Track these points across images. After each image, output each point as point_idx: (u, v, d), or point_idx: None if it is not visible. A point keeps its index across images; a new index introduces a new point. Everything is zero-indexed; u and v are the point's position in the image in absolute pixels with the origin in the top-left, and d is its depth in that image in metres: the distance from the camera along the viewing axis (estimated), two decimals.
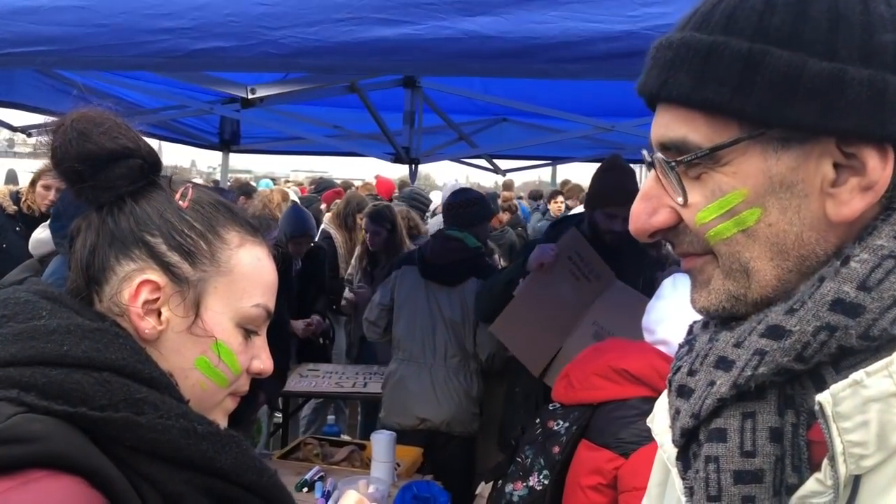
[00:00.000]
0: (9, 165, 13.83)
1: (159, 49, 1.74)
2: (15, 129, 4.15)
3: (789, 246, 0.67)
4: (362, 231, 4.96)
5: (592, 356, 2.05)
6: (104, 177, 0.89)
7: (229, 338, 0.92)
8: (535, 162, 6.23)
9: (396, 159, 4.57)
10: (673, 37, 0.70)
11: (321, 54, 1.70)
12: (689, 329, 0.82)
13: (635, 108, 3.86)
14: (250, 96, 2.45)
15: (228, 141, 5.21)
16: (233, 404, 0.97)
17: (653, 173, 0.73)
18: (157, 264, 0.90)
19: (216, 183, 7.31)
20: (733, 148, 0.67)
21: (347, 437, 4.12)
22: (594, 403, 1.95)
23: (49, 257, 3.07)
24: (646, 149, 0.76)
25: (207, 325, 0.91)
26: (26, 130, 4.15)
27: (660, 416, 0.85)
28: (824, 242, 0.67)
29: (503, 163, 5.86)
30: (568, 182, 11.34)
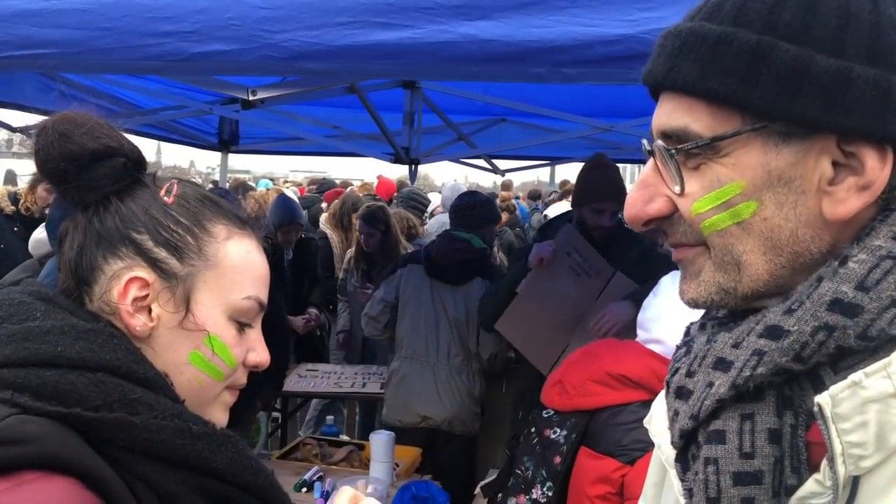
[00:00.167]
0: (7, 166, 13.78)
1: (160, 52, 1.74)
2: (14, 130, 4.15)
3: (783, 242, 0.67)
4: (357, 231, 4.95)
5: (586, 361, 1.99)
6: (88, 177, 0.89)
7: (222, 331, 0.92)
8: (534, 162, 6.24)
9: (396, 159, 4.57)
10: (682, 26, 0.70)
11: (322, 58, 1.70)
12: (687, 331, 0.82)
13: (634, 109, 3.88)
14: (251, 98, 2.45)
15: (227, 141, 5.21)
16: (231, 398, 0.97)
17: (651, 162, 0.73)
18: (145, 261, 0.89)
19: (215, 183, 7.31)
20: (734, 139, 0.67)
21: (346, 438, 4.12)
22: (591, 410, 1.91)
23: (48, 258, 3.07)
24: (646, 138, 0.76)
25: (199, 320, 0.90)
26: (25, 131, 4.15)
27: (657, 418, 0.85)
28: (819, 240, 0.67)
29: (502, 163, 5.86)
30: (567, 182, 11.34)
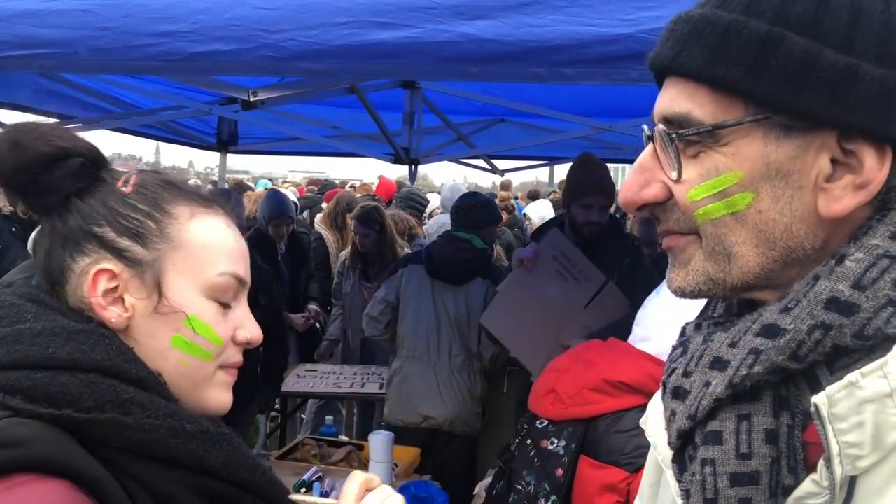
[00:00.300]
0: None
1: (159, 52, 1.74)
2: None
3: (777, 236, 0.67)
4: (352, 231, 4.93)
5: (579, 369, 1.94)
6: (46, 181, 0.89)
7: (201, 310, 0.91)
8: (533, 162, 6.24)
9: (396, 160, 4.57)
10: (693, 12, 0.70)
11: (321, 58, 1.70)
12: (682, 331, 0.81)
13: (633, 109, 3.88)
14: (252, 99, 2.45)
15: (226, 141, 5.20)
16: (229, 377, 0.96)
17: (650, 147, 0.73)
18: (110, 253, 0.89)
19: (214, 184, 7.30)
20: (736, 129, 0.66)
21: (345, 438, 4.12)
22: (588, 418, 1.87)
23: None
24: (646, 124, 0.76)
25: (174, 303, 0.90)
26: None
27: (653, 418, 0.85)
28: (813, 237, 0.67)
29: (501, 163, 5.86)
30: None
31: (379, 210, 4.83)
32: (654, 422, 0.83)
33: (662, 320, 1.83)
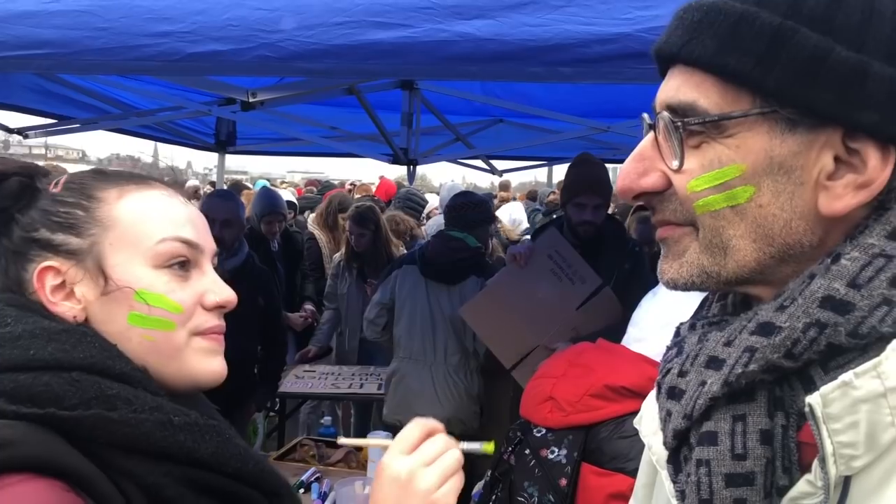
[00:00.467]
0: None
1: (156, 52, 1.74)
2: (11, 131, 4.15)
3: (776, 232, 0.67)
4: (344, 231, 4.92)
5: (577, 374, 1.89)
6: None
7: (151, 282, 0.91)
8: (532, 162, 6.24)
9: (394, 160, 4.57)
10: (704, 0, 0.69)
11: (318, 58, 1.70)
12: (677, 331, 0.81)
13: (631, 110, 3.88)
14: (251, 99, 2.45)
15: (224, 142, 5.20)
16: (209, 342, 0.95)
17: (650, 136, 0.72)
18: (49, 251, 0.91)
19: (213, 185, 7.30)
20: (742, 120, 0.66)
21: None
22: (587, 425, 1.83)
23: None
24: (646, 112, 0.75)
25: (120, 281, 0.90)
26: (22, 132, 4.15)
27: (647, 418, 0.85)
28: (811, 234, 0.67)
29: (500, 163, 5.87)
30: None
31: (374, 210, 4.82)
32: (649, 422, 0.83)
33: (659, 322, 1.82)
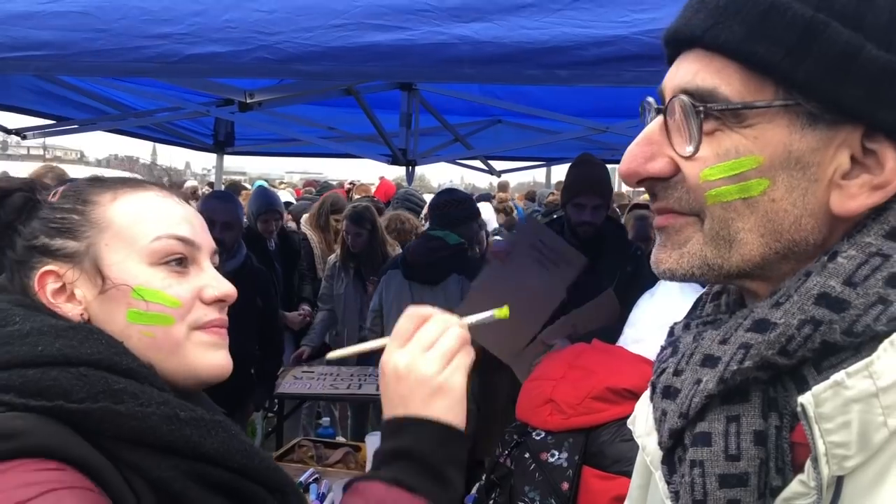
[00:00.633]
0: (2, 168, 13.77)
1: (155, 54, 1.74)
2: (9, 132, 4.15)
3: (785, 227, 0.66)
4: (338, 232, 4.92)
5: (578, 377, 1.88)
6: None
7: (147, 279, 0.94)
8: (530, 163, 6.25)
9: (393, 161, 4.57)
10: None
11: (317, 60, 1.71)
12: (671, 331, 0.81)
13: (629, 110, 3.89)
14: (249, 100, 2.46)
15: (223, 142, 5.21)
16: (211, 336, 0.97)
17: (658, 120, 0.71)
18: (48, 256, 0.94)
19: (211, 185, 7.30)
20: (763, 111, 0.65)
21: (342, 439, 4.12)
22: (587, 427, 1.82)
23: None
24: (652, 96, 0.73)
25: (117, 280, 0.93)
26: (21, 133, 4.16)
27: (640, 419, 0.85)
28: (817, 233, 0.67)
29: (498, 164, 5.88)
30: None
31: (370, 209, 4.82)
32: (642, 423, 0.83)
33: (657, 322, 1.82)
